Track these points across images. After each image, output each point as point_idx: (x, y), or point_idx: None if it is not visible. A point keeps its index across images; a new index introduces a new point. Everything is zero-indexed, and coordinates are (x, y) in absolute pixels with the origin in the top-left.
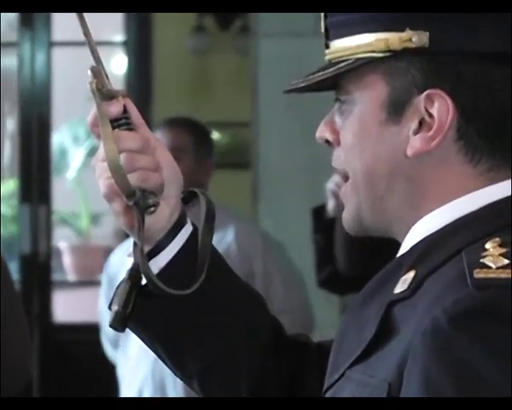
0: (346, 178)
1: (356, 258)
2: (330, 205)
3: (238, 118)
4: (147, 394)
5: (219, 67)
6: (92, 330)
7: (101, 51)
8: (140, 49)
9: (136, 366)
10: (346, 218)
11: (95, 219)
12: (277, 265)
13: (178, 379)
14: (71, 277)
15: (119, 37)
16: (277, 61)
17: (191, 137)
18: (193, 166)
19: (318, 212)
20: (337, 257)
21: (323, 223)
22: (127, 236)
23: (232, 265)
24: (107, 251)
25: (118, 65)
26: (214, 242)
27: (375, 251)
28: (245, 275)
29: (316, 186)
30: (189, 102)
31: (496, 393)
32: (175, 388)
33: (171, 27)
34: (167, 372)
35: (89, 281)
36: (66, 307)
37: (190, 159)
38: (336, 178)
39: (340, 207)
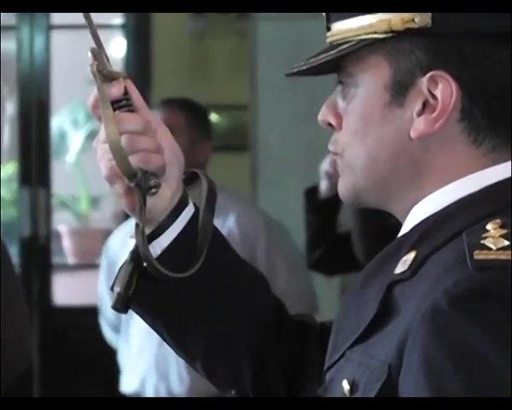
0: (336, 154)
1: (373, 246)
2: (323, 186)
3: (237, 101)
4: (150, 383)
5: (218, 50)
6: (92, 313)
7: (100, 34)
8: (139, 32)
9: (138, 354)
10: (342, 190)
11: (94, 202)
12: (281, 248)
13: (182, 368)
14: (70, 260)
15: (118, 20)
16: (276, 43)
17: (186, 118)
18: (188, 146)
19: (311, 193)
20: (354, 245)
21: (316, 204)
22: (126, 219)
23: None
24: (107, 234)
25: (116, 48)
26: (217, 224)
27: (391, 238)
28: (248, 259)
29: (314, 168)
30: (188, 84)
31: (495, 374)
32: (179, 377)
33: None
34: (171, 361)
35: (88, 264)
36: (65, 290)
37: (185, 139)
38: (331, 158)
39: (333, 187)
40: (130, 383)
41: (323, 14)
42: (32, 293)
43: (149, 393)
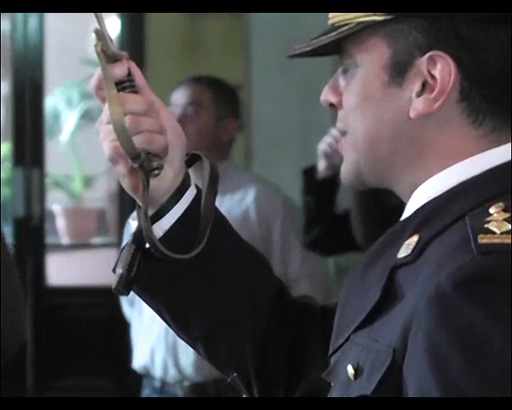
0: (344, 132)
1: (372, 227)
2: (321, 166)
3: (231, 80)
4: (158, 355)
5: (212, 30)
6: (85, 293)
7: (94, 16)
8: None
9: (149, 325)
10: (344, 171)
11: (88, 182)
12: (295, 229)
13: None
14: (64, 240)
15: None
16: (270, 23)
17: (211, 94)
18: (212, 123)
19: (309, 173)
20: (353, 225)
21: (314, 184)
22: (121, 199)
23: (250, 227)
24: (101, 214)
25: (111, 28)
26: (234, 203)
27: (391, 223)
28: (262, 238)
29: (309, 148)
30: (182, 65)
31: (499, 358)
32: (187, 349)
33: None
34: None
35: (82, 244)
36: (59, 271)
37: (210, 116)
38: (328, 139)
39: (331, 167)
40: (140, 358)
41: None
42: (25, 273)
43: (158, 367)
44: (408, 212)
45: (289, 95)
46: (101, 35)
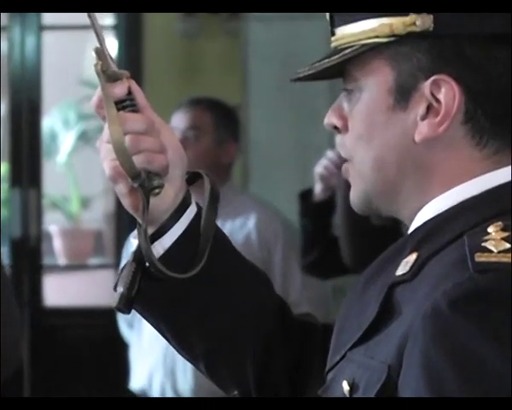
0: (347, 158)
1: (361, 251)
2: (318, 189)
3: (228, 101)
4: (157, 378)
5: (209, 51)
6: (82, 313)
7: (92, 35)
8: (130, 32)
9: (148, 348)
10: (353, 199)
11: (85, 202)
12: (296, 254)
13: (189, 365)
14: (61, 260)
15: (110, 20)
16: (267, 44)
17: (213, 118)
18: (213, 146)
19: (306, 196)
20: (341, 248)
21: (311, 207)
22: (118, 220)
23: (251, 252)
24: (98, 235)
25: (108, 49)
26: (235, 228)
27: (380, 244)
28: (263, 263)
29: (307, 168)
30: (180, 85)
31: (495, 376)
32: (185, 374)
33: None
34: (178, 358)
35: (79, 265)
36: (56, 291)
37: (210, 139)
38: (324, 161)
39: (327, 190)
40: (138, 380)
41: (327, 18)
42: (22, 294)
43: (156, 390)
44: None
45: (287, 115)
46: (101, 54)
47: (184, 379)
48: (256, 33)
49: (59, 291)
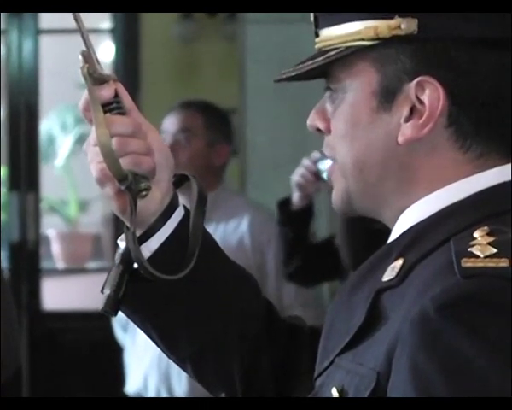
0: (332, 159)
1: (359, 252)
2: (295, 197)
3: (226, 104)
4: (151, 381)
5: (206, 54)
6: (81, 317)
7: (90, 39)
8: (127, 36)
9: (143, 351)
10: (335, 199)
11: (83, 206)
12: None
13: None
14: (59, 264)
15: (107, 24)
16: (265, 47)
17: (204, 120)
18: (204, 149)
19: (284, 204)
20: (340, 251)
21: (289, 215)
22: (116, 223)
23: (245, 254)
24: (96, 238)
25: (105, 52)
26: (229, 231)
27: (379, 246)
28: (256, 266)
29: None
30: (177, 89)
31: (483, 379)
32: (179, 378)
33: (158, 14)
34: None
35: (77, 268)
36: (54, 295)
37: (202, 141)
38: (300, 170)
39: (305, 198)
40: (133, 383)
41: (312, 19)
42: (20, 298)
43: (151, 393)
44: (394, 236)
45: (284, 119)
46: (87, 57)
47: (179, 382)
48: (253, 36)
49: (57, 295)
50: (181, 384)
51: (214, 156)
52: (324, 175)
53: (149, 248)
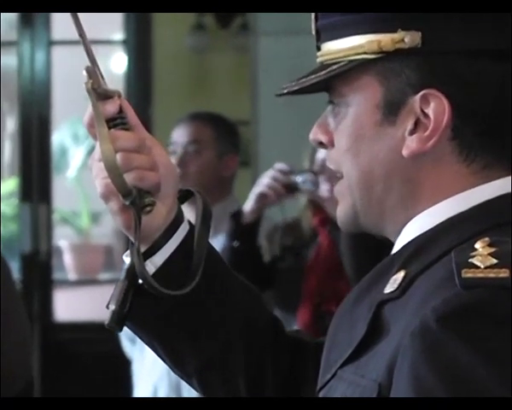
0: (336, 173)
1: (362, 263)
2: (247, 208)
3: (238, 116)
4: (161, 393)
5: (219, 66)
6: (93, 328)
7: (101, 50)
8: (139, 47)
9: (152, 363)
10: (340, 215)
11: (95, 217)
12: None
13: None
14: (71, 276)
15: (119, 35)
16: (277, 59)
17: (212, 131)
18: (214, 160)
19: (236, 216)
20: (344, 263)
21: (240, 228)
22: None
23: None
24: (108, 250)
25: (117, 64)
26: None
27: (383, 258)
28: None
29: None
30: (189, 100)
31: (484, 391)
32: (190, 389)
33: (170, 26)
34: None
35: (89, 280)
36: (66, 306)
37: (211, 153)
38: (267, 181)
39: (257, 211)
40: (141, 392)
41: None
42: (32, 309)
43: None
44: (396, 247)
45: (296, 130)
46: (92, 72)
47: (189, 393)
48: (265, 48)
49: (69, 306)
50: (191, 394)
51: (223, 167)
52: (306, 187)
53: (154, 263)
